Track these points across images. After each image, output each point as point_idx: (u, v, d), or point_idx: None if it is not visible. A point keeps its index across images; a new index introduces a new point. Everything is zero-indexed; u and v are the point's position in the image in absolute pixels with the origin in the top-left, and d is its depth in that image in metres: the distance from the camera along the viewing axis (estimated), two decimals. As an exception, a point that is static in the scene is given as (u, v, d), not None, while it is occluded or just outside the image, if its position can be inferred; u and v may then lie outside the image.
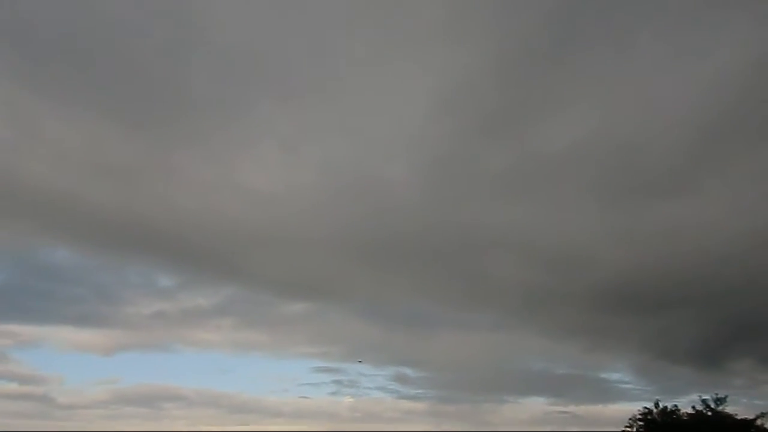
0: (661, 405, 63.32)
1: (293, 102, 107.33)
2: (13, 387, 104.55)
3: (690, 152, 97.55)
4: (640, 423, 63.30)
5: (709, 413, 60.14)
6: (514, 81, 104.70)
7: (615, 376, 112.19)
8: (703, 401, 60.99)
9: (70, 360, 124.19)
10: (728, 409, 60.23)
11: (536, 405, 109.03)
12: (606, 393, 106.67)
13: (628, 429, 63.99)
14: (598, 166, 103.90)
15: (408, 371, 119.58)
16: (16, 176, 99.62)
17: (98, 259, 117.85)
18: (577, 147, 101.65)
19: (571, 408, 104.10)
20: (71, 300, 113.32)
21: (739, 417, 59.53)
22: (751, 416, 59.40)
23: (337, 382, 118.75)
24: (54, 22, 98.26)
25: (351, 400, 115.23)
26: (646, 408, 63.67)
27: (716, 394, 61.01)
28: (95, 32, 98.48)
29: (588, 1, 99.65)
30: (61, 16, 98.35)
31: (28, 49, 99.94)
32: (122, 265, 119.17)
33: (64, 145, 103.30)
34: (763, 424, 58.44)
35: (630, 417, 64.34)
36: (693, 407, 61.45)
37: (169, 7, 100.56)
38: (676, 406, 63.31)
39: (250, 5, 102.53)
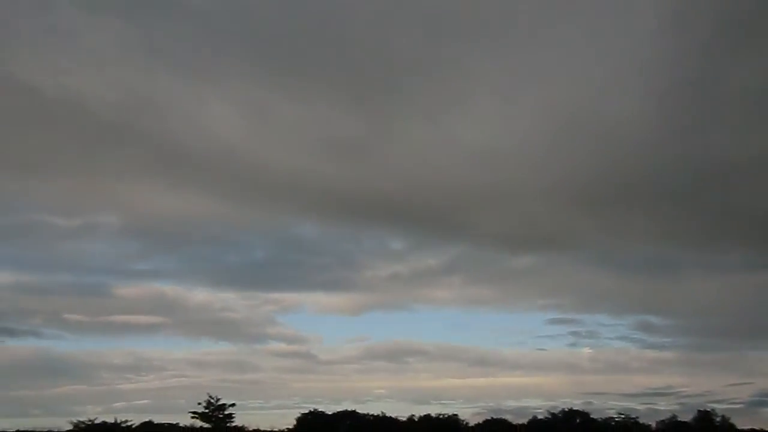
0: None
1: (505, 49, 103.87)
2: (282, 346, 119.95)
3: None
4: None
5: None
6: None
7: None
8: None
9: (324, 321, 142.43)
10: None
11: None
12: None
13: None
14: None
15: (653, 319, 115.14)
16: (262, 162, 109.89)
17: (337, 229, 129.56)
18: None
19: None
20: (319, 268, 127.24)
21: None
22: None
23: (575, 333, 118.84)
24: (269, 13, 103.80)
25: (590, 351, 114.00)
26: None
27: None
28: (307, 15, 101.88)
29: None
30: (278, 9, 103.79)
31: (253, 45, 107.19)
32: (358, 233, 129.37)
33: (296, 127, 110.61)
34: None
35: None
36: None
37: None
38: None
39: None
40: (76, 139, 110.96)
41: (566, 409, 76.16)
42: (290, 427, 76.58)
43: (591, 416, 75.02)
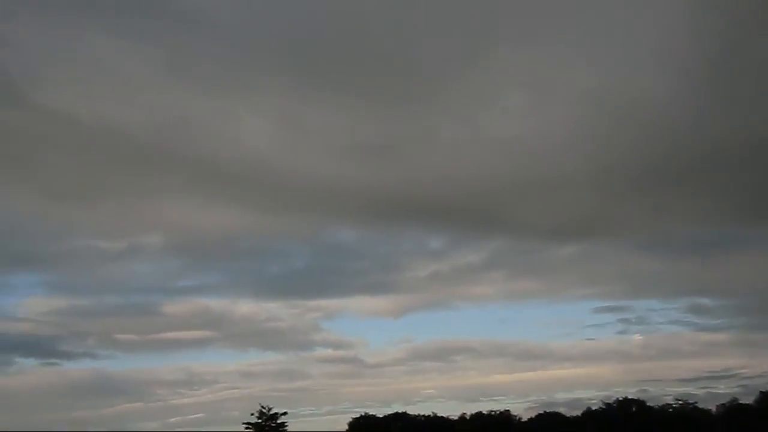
0: None
1: (530, 40, 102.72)
2: (329, 352, 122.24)
3: None
4: None
5: None
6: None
7: None
8: None
9: (368, 325, 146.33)
10: None
11: None
12: None
13: None
14: None
15: (705, 301, 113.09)
16: (296, 172, 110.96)
17: (374, 233, 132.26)
18: None
19: None
20: (359, 272, 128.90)
21: None
22: None
23: (624, 320, 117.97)
24: (290, 25, 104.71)
25: (641, 337, 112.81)
26: None
27: None
28: (329, 23, 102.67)
29: None
30: (299, 18, 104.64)
31: (278, 57, 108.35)
32: (395, 235, 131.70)
33: (326, 134, 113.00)
34: None
35: None
36: None
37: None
38: None
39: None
40: (114, 165, 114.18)
41: (621, 399, 74.70)
42: (343, 431, 77.11)
43: (647, 404, 73.39)
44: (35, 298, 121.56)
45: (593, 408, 75.64)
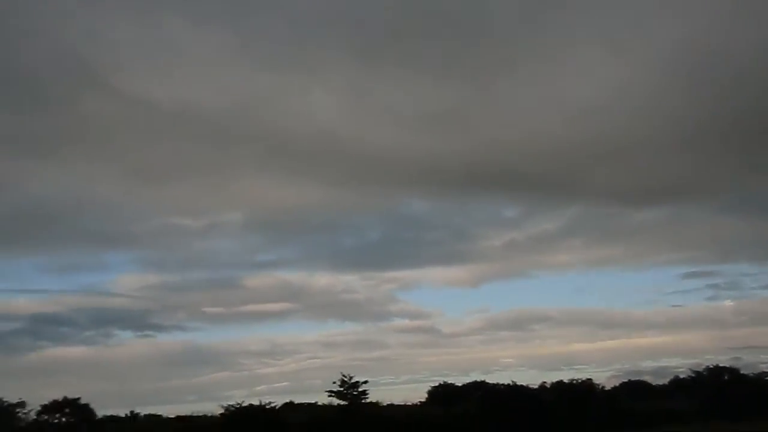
0: None
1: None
2: (406, 323, 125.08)
3: None
4: None
5: None
6: None
7: None
8: None
9: (444, 295, 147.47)
10: None
11: None
12: None
13: None
14: None
15: None
16: (367, 145, 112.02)
17: (447, 203, 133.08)
18: None
19: None
20: (434, 243, 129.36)
21: None
22: None
23: (714, 286, 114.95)
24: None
25: (732, 303, 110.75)
26: None
27: None
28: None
29: None
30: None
31: (344, 30, 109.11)
32: (468, 204, 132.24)
33: (397, 105, 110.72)
34: None
35: None
36: None
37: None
38: None
39: None
40: (193, 145, 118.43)
41: (711, 366, 71.58)
42: (422, 400, 77.89)
43: (741, 372, 70.01)
44: (128, 275, 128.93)
45: (681, 376, 73.22)
